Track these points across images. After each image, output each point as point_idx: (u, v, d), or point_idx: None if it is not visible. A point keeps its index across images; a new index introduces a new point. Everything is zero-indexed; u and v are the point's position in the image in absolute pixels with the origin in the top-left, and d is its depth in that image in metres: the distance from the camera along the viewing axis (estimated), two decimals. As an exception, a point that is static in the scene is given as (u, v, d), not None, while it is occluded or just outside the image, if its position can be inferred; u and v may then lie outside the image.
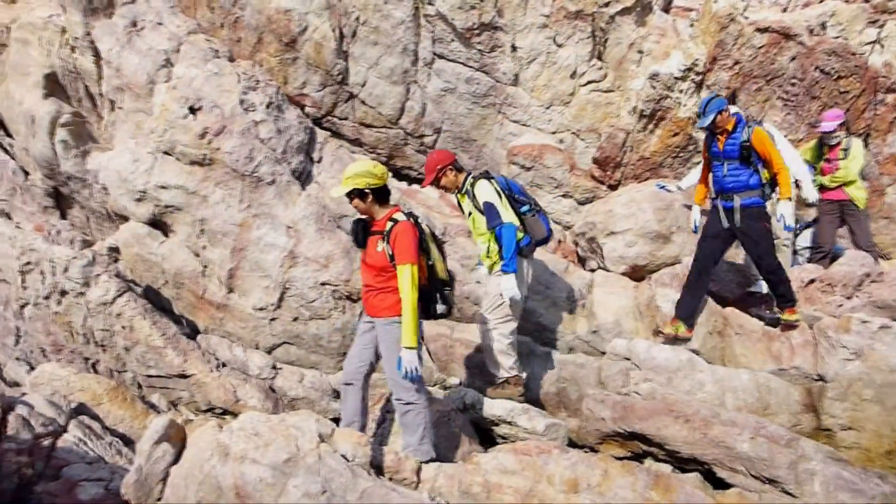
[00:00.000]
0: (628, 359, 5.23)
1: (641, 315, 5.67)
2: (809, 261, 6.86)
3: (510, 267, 4.76)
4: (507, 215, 4.83)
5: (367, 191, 3.91)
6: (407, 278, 3.76)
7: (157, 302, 5.95)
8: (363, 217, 4.05)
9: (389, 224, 3.89)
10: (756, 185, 5.30)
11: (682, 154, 7.32)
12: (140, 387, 5.65)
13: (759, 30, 7.03)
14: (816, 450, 4.15)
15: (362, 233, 4.04)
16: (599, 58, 7.57)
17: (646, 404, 4.54)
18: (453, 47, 7.43)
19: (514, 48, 7.43)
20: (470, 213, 4.99)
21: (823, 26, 7.23)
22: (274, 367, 5.88)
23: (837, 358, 4.97)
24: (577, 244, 6.99)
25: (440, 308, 4.05)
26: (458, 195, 5.08)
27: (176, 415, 5.38)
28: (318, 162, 6.44)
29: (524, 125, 7.63)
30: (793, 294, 5.40)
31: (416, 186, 7.98)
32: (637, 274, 6.25)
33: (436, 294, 4.03)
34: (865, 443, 4.84)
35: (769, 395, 5.01)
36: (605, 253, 6.39)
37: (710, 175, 5.60)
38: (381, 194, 3.96)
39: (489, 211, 4.81)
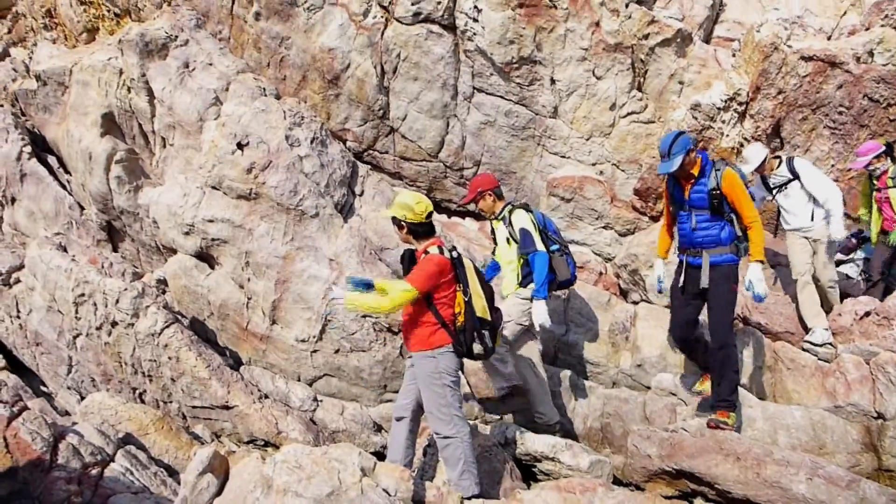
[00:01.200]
0: (674, 394, 5.08)
1: (687, 349, 5.52)
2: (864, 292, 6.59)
3: (542, 293, 4.79)
4: (541, 245, 4.89)
5: (402, 223, 3.98)
6: (398, 290, 3.77)
7: (202, 333, 6.08)
8: (410, 248, 4.11)
9: (422, 256, 3.94)
10: (728, 240, 4.58)
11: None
12: (185, 417, 5.73)
13: (803, 58, 6.93)
14: (880, 492, 3.94)
15: (408, 262, 4.07)
16: (639, 89, 7.56)
17: (694, 441, 4.39)
18: (492, 81, 7.53)
19: (552, 81, 7.48)
20: (506, 239, 5.02)
21: (871, 53, 7.08)
22: (315, 400, 5.90)
23: (898, 395, 4.74)
24: (618, 276, 6.90)
25: (476, 348, 3.94)
26: (494, 221, 5.12)
27: (219, 446, 5.44)
28: (360, 195, 6.55)
29: (564, 157, 7.63)
30: (733, 390, 4.66)
31: (456, 219, 8.03)
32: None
33: (474, 333, 3.93)
34: (932, 486, 4.57)
35: (825, 434, 4.80)
36: (648, 285, 6.28)
37: (676, 226, 4.90)
38: (416, 230, 4.01)
39: (524, 237, 4.86)
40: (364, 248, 6.05)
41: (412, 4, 7.40)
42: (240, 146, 5.98)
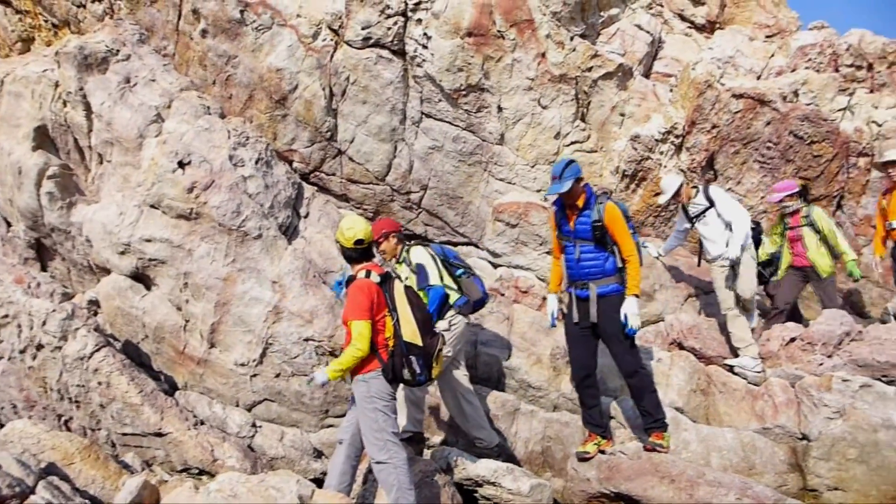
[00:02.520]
0: (614, 417, 5.19)
1: (626, 373, 5.66)
2: (763, 316, 6.75)
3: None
4: (435, 279, 4.92)
5: (339, 246, 4.17)
6: (354, 333, 3.82)
7: (135, 357, 5.85)
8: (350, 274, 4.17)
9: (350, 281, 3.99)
10: (613, 270, 4.66)
11: (663, 213, 7.47)
12: (114, 445, 5.48)
13: (735, 96, 7.32)
14: (804, 512, 4.11)
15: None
16: (583, 119, 7.81)
17: (632, 464, 4.48)
18: (441, 107, 7.63)
19: (500, 108, 7.64)
20: (407, 278, 5.04)
21: (796, 93, 7.55)
22: (253, 426, 5.75)
23: (820, 417, 4.98)
24: (561, 301, 7.03)
25: (405, 374, 3.90)
26: (397, 264, 5.17)
27: (150, 475, 5.20)
28: (305, 217, 6.49)
29: (510, 183, 7.77)
30: (661, 411, 4.74)
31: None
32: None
33: (402, 359, 3.88)
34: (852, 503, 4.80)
35: (754, 455, 4.98)
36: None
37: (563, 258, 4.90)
38: (348, 255, 4.13)
39: (420, 272, 4.94)
40: (308, 270, 5.98)
41: (362, 29, 7.46)
42: (181, 165, 5.85)
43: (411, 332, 3.93)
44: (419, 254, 5.05)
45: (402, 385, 4.23)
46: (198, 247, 5.81)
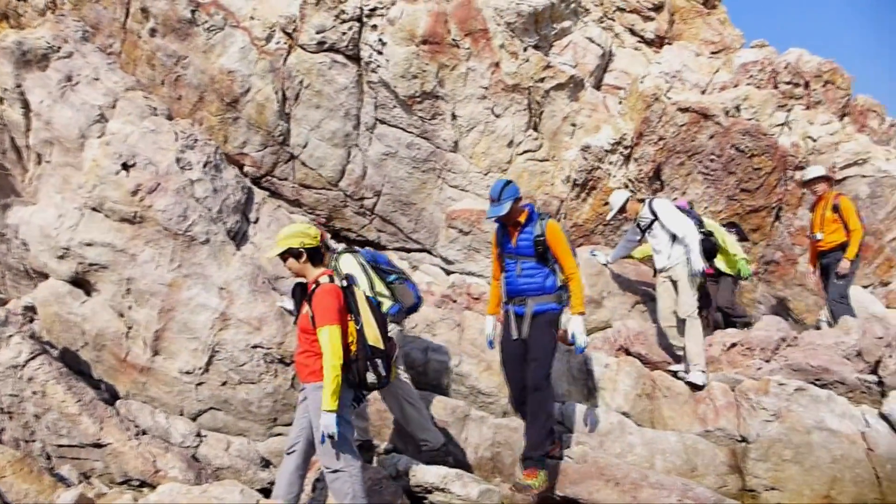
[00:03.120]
0: (561, 422, 5.27)
1: (574, 379, 5.76)
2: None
3: None
4: (365, 288, 4.78)
5: (301, 250, 3.93)
6: (326, 340, 3.72)
7: (74, 365, 5.63)
8: (303, 281, 4.05)
9: (314, 286, 3.89)
10: (552, 289, 4.57)
11: (612, 222, 7.64)
12: (49, 458, 5.25)
13: (680, 109, 7.57)
14: (741, 512, 4.25)
15: (299, 295, 4.03)
16: (535, 129, 7.93)
17: (578, 468, 4.56)
18: (395, 113, 7.64)
19: (454, 116, 7.70)
20: None
21: (738, 108, 7.86)
22: (198, 435, 5.60)
23: (758, 419, 5.17)
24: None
25: (370, 377, 3.89)
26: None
27: (87, 488, 5.01)
28: (255, 222, 6.38)
29: (463, 190, 7.83)
30: (544, 439, 4.42)
31: (355, 248, 7.99)
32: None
33: (366, 362, 3.89)
34: (788, 503, 4.99)
35: (696, 457, 5.13)
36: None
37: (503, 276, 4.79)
38: (314, 255, 3.98)
39: (350, 282, 4.83)
40: (257, 276, 5.88)
41: (317, 33, 7.42)
42: (125, 167, 5.68)
43: (374, 337, 3.93)
44: (348, 262, 4.94)
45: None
46: (142, 251, 5.65)
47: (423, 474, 4.75)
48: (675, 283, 5.99)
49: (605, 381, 5.64)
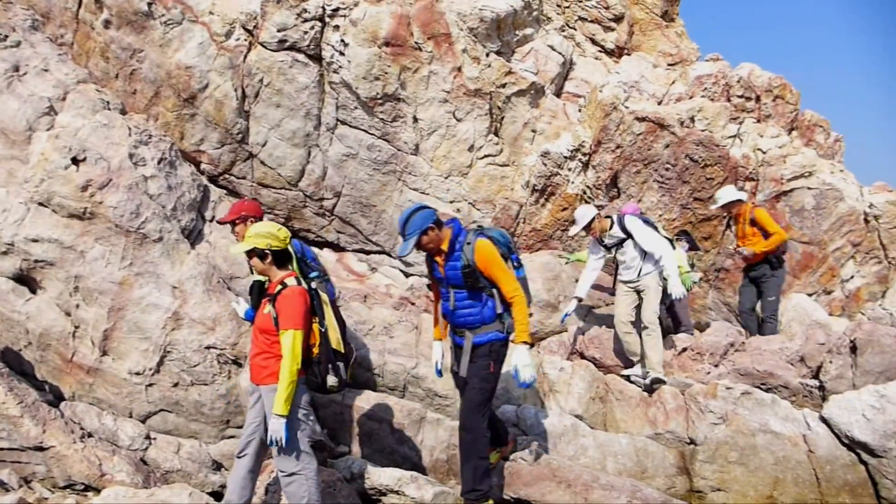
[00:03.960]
0: (517, 425, 5.32)
1: (530, 381, 5.82)
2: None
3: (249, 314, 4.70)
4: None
5: (267, 251, 3.89)
6: (288, 344, 3.68)
7: (16, 365, 5.42)
8: (261, 279, 4.00)
9: (279, 287, 3.84)
10: (491, 318, 4.13)
11: (570, 227, 7.76)
12: (-13, 461, 5.05)
13: (637, 118, 7.75)
14: (687, 512, 4.37)
15: (257, 294, 3.98)
16: (496, 134, 8.01)
17: (531, 470, 4.61)
18: (356, 114, 7.61)
19: (415, 119, 7.72)
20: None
21: (693, 119, 8.08)
22: (148, 437, 5.46)
23: (706, 422, 5.31)
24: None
25: (331, 380, 3.88)
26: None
27: (28, 493, 4.83)
28: (211, 221, 6.26)
29: (423, 193, 7.84)
30: (482, 482, 4.16)
31: (314, 249, 7.92)
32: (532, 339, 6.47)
33: (328, 365, 3.88)
34: (733, 503, 5.14)
35: (647, 459, 5.24)
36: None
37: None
38: (280, 258, 3.94)
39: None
40: (212, 275, 5.77)
41: (278, 31, 7.34)
42: (75, 161, 5.51)
43: (337, 340, 3.93)
44: None
45: None
46: (91, 248, 5.48)
47: (378, 476, 4.73)
48: (639, 292, 6.09)
49: (560, 385, 5.72)
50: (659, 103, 8.54)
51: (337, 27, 7.41)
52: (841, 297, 8.19)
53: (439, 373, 4.65)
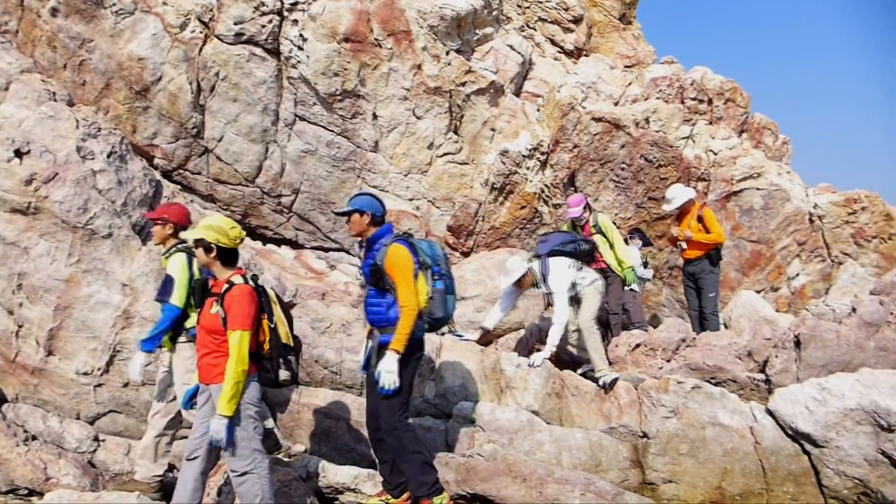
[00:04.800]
0: (474, 421, 5.35)
1: (487, 378, 5.86)
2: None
3: (146, 346, 4.54)
4: (178, 299, 4.49)
5: (212, 246, 3.81)
6: (236, 345, 3.64)
7: (-45, 366, 5.21)
8: (206, 276, 3.94)
9: (226, 286, 3.78)
10: (396, 319, 4.10)
11: (528, 226, 7.85)
12: (-77, 466, 4.83)
13: (594, 119, 7.88)
14: (640, 502, 4.46)
15: (201, 292, 3.89)
16: (456, 132, 8.04)
17: (487, 465, 4.64)
18: (315, 111, 7.54)
19: (375, 116, 7.68)
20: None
21: (647, 121, 8.27)
22: (96, 439, 5.31)
23: (658, 416, 5.44)
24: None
25: (283, 374, 3.88)
26: (163, 257, 4.78)
27: (-33, 498, 4.65)
28: (164, 216, 6.11)
29: (383, 191, 7.82)
30: (427, 474, 4.16)
31: (271, 246, 7.82)
32: (484, 339, 6.50)
33: (279, 360, 3.87)
34: (683, 494, 5.28)
35: (601, 453, 5.34)
36: (456, 317, 6.59)
37: None
38: (226, 256, 3.87)
39: (167, 283, 4.52)
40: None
41: (235, 24, 7.22)
42: (18, 154, 5.31)
43: (286, 334, 3.93)
44: (176, 265, 4.51)
45: None
46: (36, 245, 5.30)
47: (335, 475, 4.70)
48: (578, 301, 6.04)
49: (517, 381, 5.77)
50: (615, 104, 8.70)
51: (295, 21, 7.33)
52: (787, 293, 8.50)
53: (364, 368, 4.57)
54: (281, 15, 7.33)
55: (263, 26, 7.26)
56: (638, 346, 6.42)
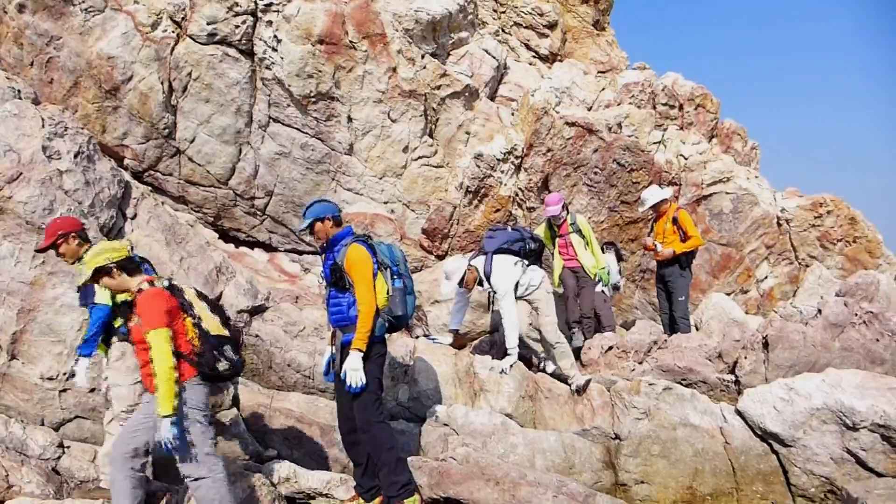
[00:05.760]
0: (447, 424, 5.35)
1: (461, 381, 5.87)
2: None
3: (84, 350, 4.49)
4: (103, 296, 4.41)
5: (111, 266, 3.76)
6: (155, 342, 3.59)
7: (-88, 371, 5.04)
8: (127, 298, 3.84)
9: (136, 296, 3.73)
10: (356, 318, 4.13)
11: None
12: None
13: (568, 123, 7.94)
14: (611, 504, 4.50)
15: (126, 311, 3.82)
16: (431, 135, 8.04)
17: (461, 469, 4.64)
18: (289, 112, 7.48)
19: (350, 119, 7.65)
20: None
21: (620, 125, 8.37)
22: (61, 446, 5.17)
23: (630, 417, 5.49)
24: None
25: (223, 365, 3.80)
26: (78, 264, 4.52)
27: (-76, 508, 4.50)
28: (133, 218, 6.01)
29: (357, 194, 7.79)
30: (401, 474, 4.22)
31: (244, 249, 7.73)
32: (458, 342, 6.50)
33: (214, 352, 3.79)
34: (656, 494, 5.33)
35: (574, 455, 5.37)
36: (430, 321, 6.59)
37: None
38: (127, 266, 3.83)
39: (86, 289, 4.36)
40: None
41: (208, 24, 7.14)
42: (-19, 153, 5.18)
43: (215, 326, 3.86)
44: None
45: None
46: (-1, 246, 5.16)
47: (307, 479, 4.65)
48: (534, 307, 5.91)
49: (491, 384, 5.78)
50: (589, 109, 8.79)
51: (270, 22, 7.27)
52: (756, 296, 8.66)
53: (325, 374, 4.57)
54: (255, 16, 7.27)
55: (237, 27, 7.19)
56: (611, 348, 6.47)
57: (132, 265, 3.84)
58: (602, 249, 7.30)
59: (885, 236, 8.91)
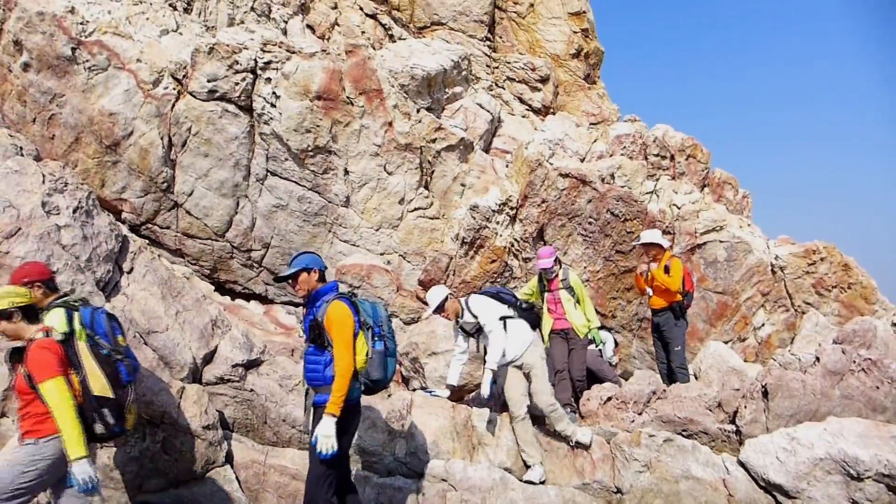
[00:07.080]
0: (445, 479, 5.24)
1: (458, 435, 5.77)
2: (554, 385, 6.38)
3: None
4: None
5: (12, 311, 3.74)
6: (52, 391, 3.54)
7: None
8: (18, 345, 3.79)
9: (28, 344, 3.69)
10: (332, 378, 3.97)
11: (499, 279, 7.90)
12: None
13: (561, 175, 8.08)
14: (614, 563, 4.37)
15: (17, 357, 3.74)
16: (426, 187, 8.15)
17: (460, 527, 4.53)
18: (287, 166, 7.60)
19: (346, 172, 7.77)
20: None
21: (613, 176, 8.51)
22: (48, 506, 5.04)
23: (631, 470, 5.40)
24: (400, 364, 7.08)
25: (98, 428, 3.72)
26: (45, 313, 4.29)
27: None
28: (129, 272, 6.01)
29: (354, 245, 7.83)
30: None
31: (240, 301, 7.72)
32: (456, 394, 6.43)
33: (93, 413, 3.72)
34: (659, 552, 5.19)
35: (575, 511, 5.25)
36: (427, 373, 6.53)
37: None
38: (28, 313, 3.81)
39: None
40: (128, 330, 5.50)
41: (208, 81, 7.31)
42: (-19, 209, 5.22)
43: (101, 387, 3.80)
44: (56, 319, 3.93)
45: None
46: (-6, 301, 5.14)
47: (301, 540, 4.52)
48: (526, 373, 5.67)
49: (489, 438, 5.69)
50: (582, 160, 8.95)
51: (269, 80, 7.46)
52: (754, 343, 8.63)
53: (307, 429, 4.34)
54: (254, 73, 7.47)
55: (237, 84, 7.37)
56: (609, 399, 6.41)
57: (33, 312, 3.82)
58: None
59: (878, 281, 8.96)
